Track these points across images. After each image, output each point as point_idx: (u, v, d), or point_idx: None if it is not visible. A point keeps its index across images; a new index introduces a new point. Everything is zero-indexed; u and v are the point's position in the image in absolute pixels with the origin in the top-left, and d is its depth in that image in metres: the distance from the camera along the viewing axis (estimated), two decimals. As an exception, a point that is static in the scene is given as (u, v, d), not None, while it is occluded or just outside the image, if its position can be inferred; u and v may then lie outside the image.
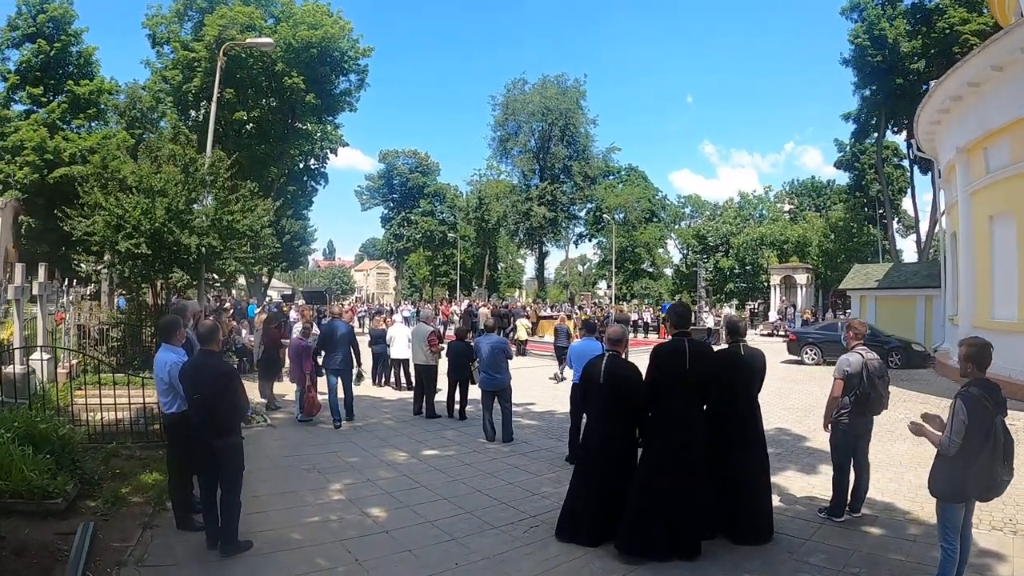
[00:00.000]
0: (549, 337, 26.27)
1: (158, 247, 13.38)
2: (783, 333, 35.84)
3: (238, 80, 26.52)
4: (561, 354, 16.68)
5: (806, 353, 21.85)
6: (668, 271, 68.96)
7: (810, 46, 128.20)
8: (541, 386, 15.65)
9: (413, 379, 12.90)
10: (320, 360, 10.75)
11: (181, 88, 26.22)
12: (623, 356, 6.02)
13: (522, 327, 22.72)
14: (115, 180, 13.71)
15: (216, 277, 14.92)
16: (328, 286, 69.81)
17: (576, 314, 34.89)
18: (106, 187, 13.57)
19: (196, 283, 14.19)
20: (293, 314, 28.11)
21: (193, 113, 28.20)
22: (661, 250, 68.07)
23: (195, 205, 13.87)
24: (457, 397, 11.35)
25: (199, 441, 5.21)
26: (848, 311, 34.24)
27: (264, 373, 12.18)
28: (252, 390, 12.83)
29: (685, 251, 68.33)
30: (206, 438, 5.13)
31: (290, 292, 41.01)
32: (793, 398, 13.92)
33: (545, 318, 29.16)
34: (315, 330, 12.43)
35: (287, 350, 11.46)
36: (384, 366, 15.14)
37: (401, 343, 14.09)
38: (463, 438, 9.92)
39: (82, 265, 14.18)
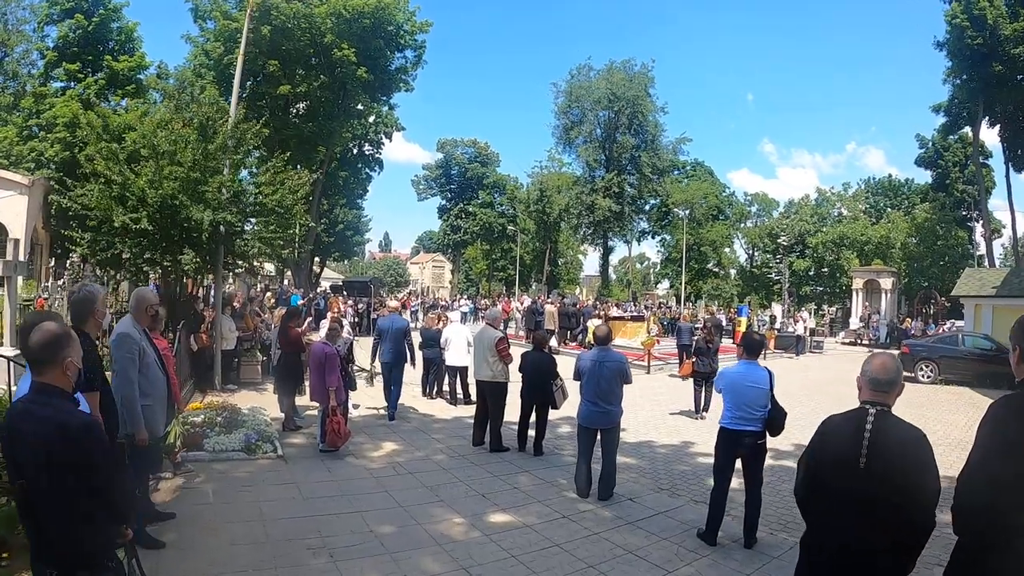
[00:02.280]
0: (621, 340, 23.09)
1: (168, 223, 11.04)
2: (867, 342, 32.98)
3: (283, 52, 24.27)
4: (684, 352, 15.89)
5: (920, 370, 18.54)
6: (731, 271, 64.75)
7: (874, 46, 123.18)
8: (628, 405, 12.63)
9: (473, 393, 10.16)
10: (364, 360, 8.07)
11: (223, 61, 24.17)
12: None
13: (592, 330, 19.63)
14: (115, 143, 11.51)
15: (239, 262, 12.47)
16: (374, 275, 65.45)
17: (646, 314, 31.70)
18: (104, 151, 11.39)
19: (212, 267, 11.76)
20: (340, 307, 25.77)
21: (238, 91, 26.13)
22: (727, 249, 63.87)
23: (217, 175, 11.49)
24: (532, 424, 8.52)
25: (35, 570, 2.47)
26: (954, 322, 30.48)
27: (281, 383, 9.55)
28: (269, 403, 10.30)
29: (751, 251, 64.48)
30: (38, 567, 2.38)
31: (340, 282, 38.94)
32: (931, 430, 10.69)
33: (615, 319, 25.84)
34: (345, 333, 9.74)
35: (308, 357, 8.66)
36: (437, 374, 12.38)
37: (458, 347, 11.33)
38: (543, 489, 7.03)
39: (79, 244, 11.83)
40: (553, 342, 22.44)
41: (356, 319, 26.18)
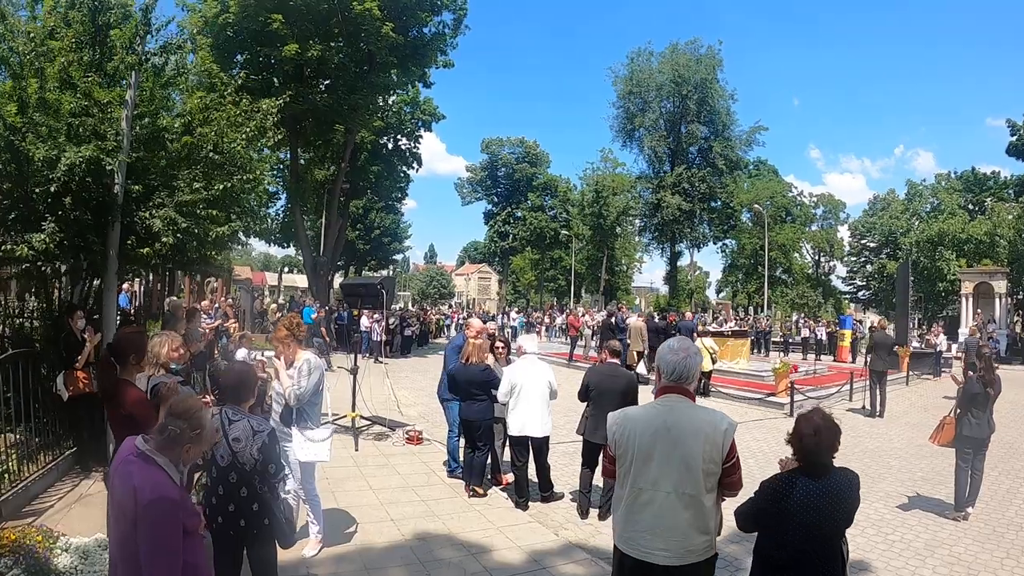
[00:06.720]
0: (723, 363, 17.26)
1: (30, 178, 6.19)
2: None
3: (291, 8, 19.47)
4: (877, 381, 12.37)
5: None
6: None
7: (924, 40, 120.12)
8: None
9: (556, 483, 4.80)
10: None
11: (217, 22, 19.50)
12: None
13: (705, 351, 13.93)
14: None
15: (150, 252, 7.36)
16: (385, 276, 53.13)
17: (749, 323, 25.97)
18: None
19: (100, 255, 6.71)
20: (365, 321, 20.71)
21: (239, 72, 21.08)
22: (796, 254, 57.51)
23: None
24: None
25: None
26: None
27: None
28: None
29: (817, 255, 60.05)
30: None
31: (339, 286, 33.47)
32: None
33: (714, 334, 19.71)
34: (277, 396, 4.52)
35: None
36: (488, 447, 6.73)
37: (533, 402, 5.89)
38: None
39: None
40: (641, 368, 16.97)
41: (386, 337, 21.13)
